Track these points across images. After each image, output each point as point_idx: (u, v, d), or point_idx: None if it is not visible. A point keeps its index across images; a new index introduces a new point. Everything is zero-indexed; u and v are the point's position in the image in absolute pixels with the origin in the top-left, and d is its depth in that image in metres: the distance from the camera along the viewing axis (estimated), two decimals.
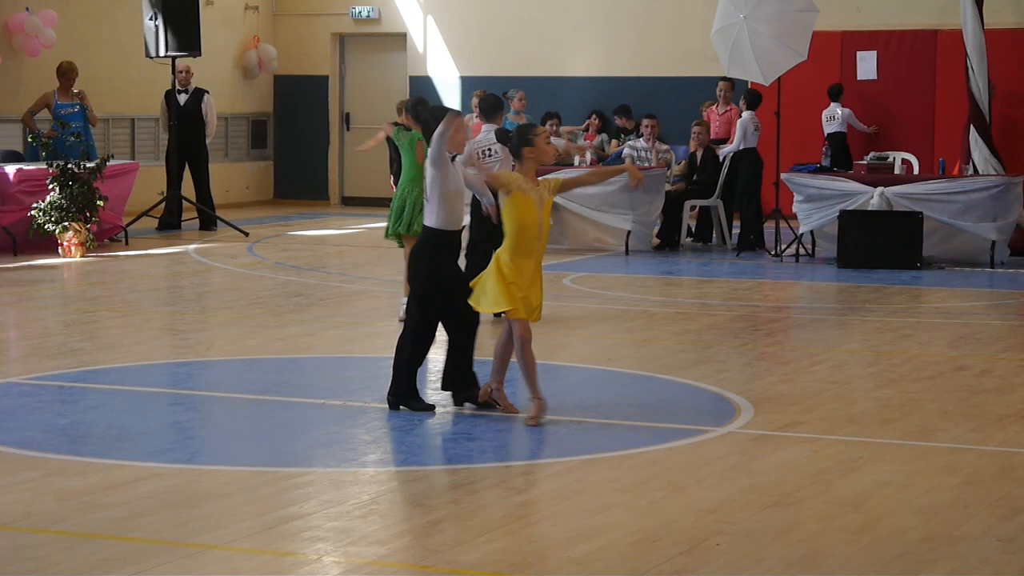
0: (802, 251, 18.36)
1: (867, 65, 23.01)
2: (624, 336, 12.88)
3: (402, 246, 13.35)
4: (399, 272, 17.02)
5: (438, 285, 9.56)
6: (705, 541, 6.90)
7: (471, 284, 9.47)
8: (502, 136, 10.08)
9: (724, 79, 20.57)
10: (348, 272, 17.37)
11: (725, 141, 20.24)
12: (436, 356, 10.49)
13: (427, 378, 10.39)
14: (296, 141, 26.66)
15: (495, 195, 10.03)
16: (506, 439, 9.08)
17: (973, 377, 10.99)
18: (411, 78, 26.29)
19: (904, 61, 22.88)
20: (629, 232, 18.90)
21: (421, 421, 9.41)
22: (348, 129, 26.96)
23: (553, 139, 14.14)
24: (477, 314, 9.65)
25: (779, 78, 18.36)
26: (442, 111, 9.62)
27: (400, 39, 26.44)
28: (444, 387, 9.83)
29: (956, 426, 9.33)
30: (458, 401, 9.77)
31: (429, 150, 9.53)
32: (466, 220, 9.95)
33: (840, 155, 21.23)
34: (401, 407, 9.62)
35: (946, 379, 10.93)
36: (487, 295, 9.29)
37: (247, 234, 20.80)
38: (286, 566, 6.61)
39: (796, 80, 20.19)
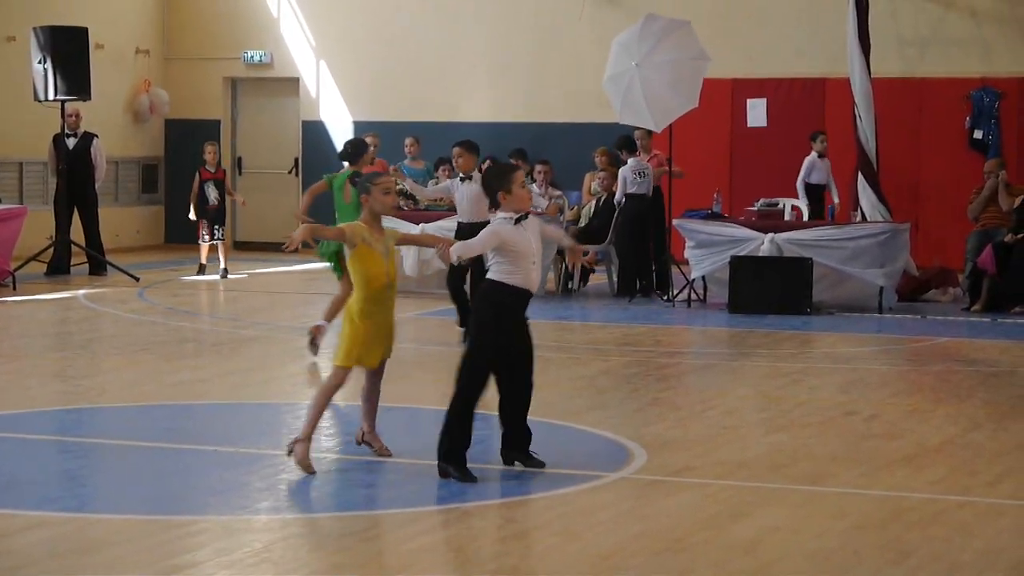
0: (694, 296, 18.50)
1: (757, 112, 23.24)
2: None
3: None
4: (292, 317, 16.98)
5: (499, 337, 9.15)
6: None
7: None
8: (353, 180, 9.93)
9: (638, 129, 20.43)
10: (241, 317, 17.27)
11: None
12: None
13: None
14: (188, 185, 26.30)
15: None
16: (399, 486, 9.05)
17: (862, 422, 11.11)
18: (304, 123, 26.28)
19: (793, 109, 23.17)
20: None
21: (316, 468, 9.35)
22: (240, 174, 26.85)
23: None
24: (529, 388, 9.34)
25: (670, 125, 18.53)
26: (504, 168, 9.24)
27: (293, 84, 26.41)
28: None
29: (845, 471, 9.43)
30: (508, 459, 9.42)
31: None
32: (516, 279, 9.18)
33: (816, 205, 20.76)
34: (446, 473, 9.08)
35: (835, 424, 11.04)
36: (341, 347, 9.23)
37: (137, 279, 20.61)
38: None
39: (687, 127, 20.37)
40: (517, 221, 9.03)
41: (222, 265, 21.21)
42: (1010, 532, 8.02)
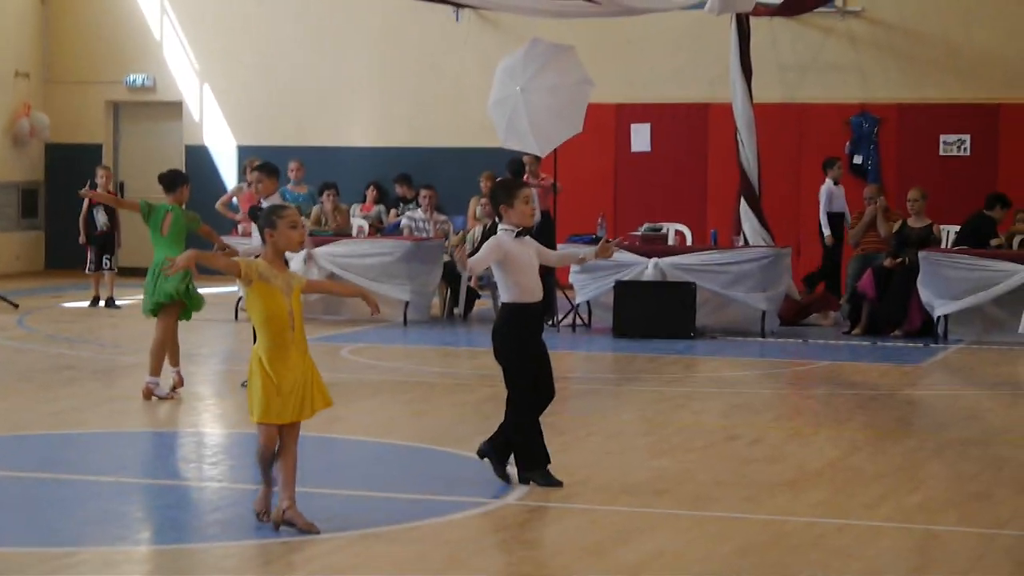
0: (579, 321, 18.55)
1: (641, 137, 23.42)
2: (402, 408, 12.86)
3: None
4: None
5: (526, 357, 9.55)
6: None
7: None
8: (253, 214, 9.46)
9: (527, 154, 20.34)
10: (122, 344, 17.07)
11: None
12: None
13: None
14: (69, 210, 25.95)
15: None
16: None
17: (744, 446, 11.18)
18: (187, 147, 26.07)
19: (677, 134, 23.34)
20: (408, 303, 18.91)
21: (194, 498, 9.25)
22: (123, 198, 26.54)
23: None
24: (551, 395, 9.66)
25: (555, 150, 18.59)
26: (512, 183, 9.71)
27: (176, 108, 26.20)
28: (484, 454, 9.72)
29: (728, 495, 9.48)
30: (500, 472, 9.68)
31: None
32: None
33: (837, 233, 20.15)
34: (532, 480, 9.52)
35: (718, 448, 11.11)
36: (254, 402, 8.39)
37: (16, 306, 20.31)
38: None
39: (572, 152, 20.45)
40: (518, 235, 9.52)
41: (108, 294, 20.62)
42: (888, 554, 8.10)
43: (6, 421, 12.07)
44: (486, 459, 9.67)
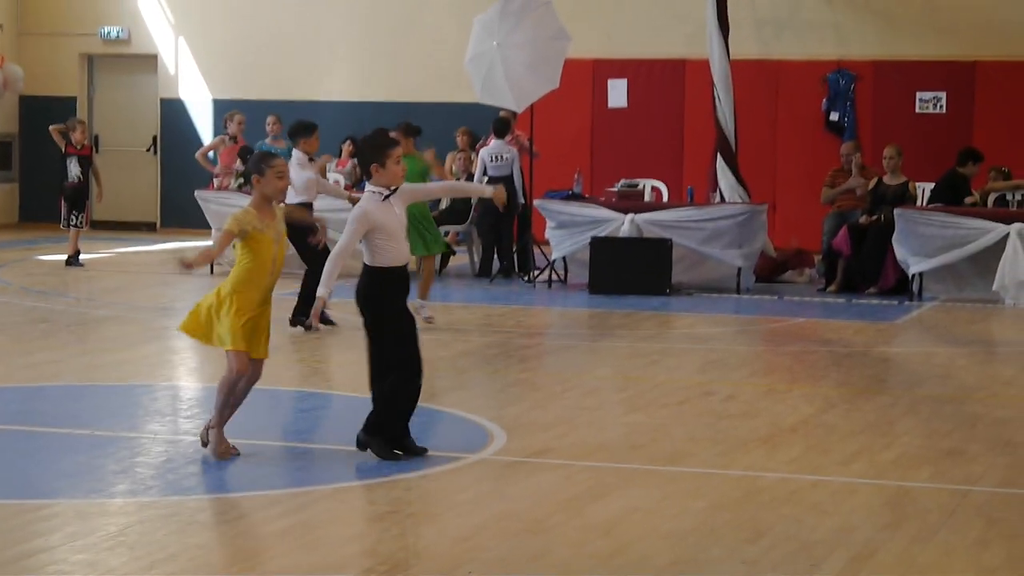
0: (555, 277, 18.56)
1: (618, 93, 23.38)
2: None
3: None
4: (148, 298, 16.81)
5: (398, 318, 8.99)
6: (457, 569, 6.90)
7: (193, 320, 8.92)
8: (244, 154, 9.58)
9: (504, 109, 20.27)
10: (96, 298, 17.03)
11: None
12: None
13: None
14: (43, 163, 25.98)
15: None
16: (259, 468, 8.97)
17: (719, 402, 11.21)
18: (162, 100, 25.96)
19: (654, 90, 23.31)
20: None
21: (169, 452, 9.25)
22: (97, 151, 26.43)
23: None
24: (420, 371, 9.06)
25: (532, 105, 18.55)
26: (382, 141, 8.96)
27: (151, 60, 26.07)
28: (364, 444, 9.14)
29: (703, 451, 9.50)
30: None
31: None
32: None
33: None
34: (368, 448, 9.03)
35: (693, 404, 11.13)
36: (221, 332, 8.81)
37: None
38: None
39: (549, 107, 20.40)
40: (386, 197, 8.93)
41: (72, 251, 19.99)
42: (862, 510, 8.13)
43: None
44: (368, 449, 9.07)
